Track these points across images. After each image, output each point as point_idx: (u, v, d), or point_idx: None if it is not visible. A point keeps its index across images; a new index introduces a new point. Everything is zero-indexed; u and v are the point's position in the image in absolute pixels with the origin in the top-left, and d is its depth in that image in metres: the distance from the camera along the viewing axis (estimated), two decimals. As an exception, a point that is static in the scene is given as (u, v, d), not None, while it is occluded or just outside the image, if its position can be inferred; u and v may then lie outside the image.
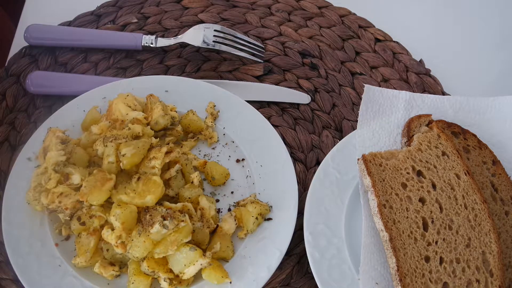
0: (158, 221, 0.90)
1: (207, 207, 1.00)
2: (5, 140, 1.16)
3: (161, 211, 0.92)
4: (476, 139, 1.07)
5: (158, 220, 0.90)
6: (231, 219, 1.01)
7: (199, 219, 0.98)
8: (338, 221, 1.00)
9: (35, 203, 0.99)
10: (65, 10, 1.36)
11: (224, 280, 0.93)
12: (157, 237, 0.90)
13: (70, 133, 1.08)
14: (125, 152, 0.97)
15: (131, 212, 0.93)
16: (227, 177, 1.07)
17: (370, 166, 0.99)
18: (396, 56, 1.31)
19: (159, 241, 0.91)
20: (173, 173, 1.01)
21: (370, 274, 0.92)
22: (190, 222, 0.95)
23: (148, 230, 0.90)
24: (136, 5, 1.40)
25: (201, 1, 1.41)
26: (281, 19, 1.39)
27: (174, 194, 1.02)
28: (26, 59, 1.28)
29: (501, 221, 0.98)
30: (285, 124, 1.20)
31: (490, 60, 1.35)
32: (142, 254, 0.90)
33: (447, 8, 1.45)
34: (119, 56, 1.30)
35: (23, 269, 0.94)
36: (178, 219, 0.92)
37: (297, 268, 1.02)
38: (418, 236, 0.93)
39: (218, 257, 0.98)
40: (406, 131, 1.07)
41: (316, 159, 1.16)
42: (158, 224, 0.90)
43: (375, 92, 1.11)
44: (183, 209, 0.97)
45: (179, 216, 0.93)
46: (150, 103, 1.10)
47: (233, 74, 1.28)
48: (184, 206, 0.97)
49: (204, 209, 0.99)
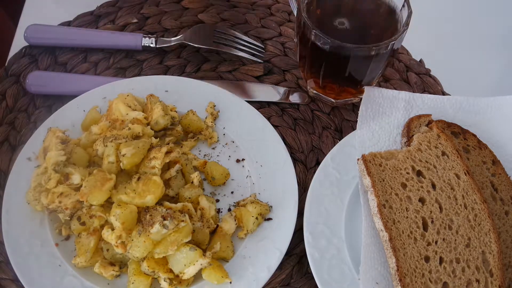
0: (158, 221, 0.90)
1: (207, 207, 1.00)
2: (5, 140, 1.16)
3: (161, 211, 0.92)
4: (476, 139, 1.07)
5: (158, 220, 0.90)
6: (231, 219, 1.01)
7: (199, 219, 0.98)
8: (338, 221, 1.00)
9: (35, 203, 0.99)
10: (65, 10, 1.36)
11: (224, 280, 0.93)
12: (157, 237, 0.90)
13: (70, 133, 1.09)
14: (125, 152, 0.97)
15: (131, 212, 0.93)
16: (227, 177, 1.07)
17: (370, 166, 0.99)
18: (396, 56, 1.31)
19: (159, 241, 0.91)
20: (173, 173, 1.01)
21: (370, 274, 0.92)
22: (190, 222, 0.95)
23: (148, 230, 0.90)
24: (136, 5, 1.40)
25: (201, 1, 1.42)
26: (281, 19, 1.39)
27: (174, 194, 1.02)
28: (26, 59, 1.28)
29: (501, 221, 0.98)
30: (285, 124, 1.20)
31: (490, 60, 1.35)
32: (142, 254, 0.90)
33: (447, 8, 1.45)
34: (119, 56, 1.30)
35: (23, 269, 0.94)
36: (178, 219, 0.92)
37: (297, 268, 1.02)
38: (418, 236, 0.93)
39: (218, 257, 0.98)
40: (406, 131, 1.07)
41: (316, 160, 1.16)
42: (158, 224, 0.89)
43: (375, 92, 1.11)
44: (183, 209, 0.97)
45: (179, 216, 0.93)
46: (150, 103, 1.10)
47: (233, 74, 1.28)
48: (184, 206, 0.97)
49: (204, 209, 0.99)
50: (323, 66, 1.07)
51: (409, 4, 1.01)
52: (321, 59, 1.05)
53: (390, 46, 0.98)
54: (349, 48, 0.97)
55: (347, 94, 1.17)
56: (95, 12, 1.38)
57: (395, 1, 1.04)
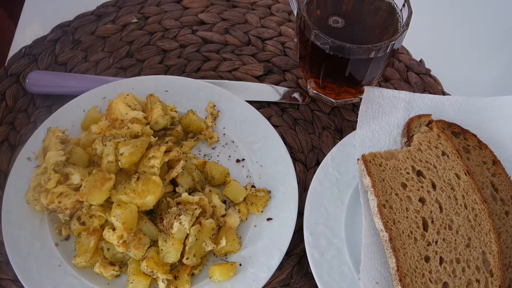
0: (174, 220, 0.93)
1: (219, 206, 1.02)
2: (5, 140, 1.16)
3: (172, 212, 0.95)
4: (476, 139, 1.07)
5: (174, 219, 0.93)
6: (234, 213, 1.02)
7: (211, 216, 1.00)
8: (338, 221, 1.00)
9: (35, 203, 0.99)
10: (65, 10, 1.36)
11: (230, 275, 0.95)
12: (180, 235, 0.93)
13: (70, 133, 1.09)
14: (123, 151, 0.97)
15: (132, 212, 0.93)
16: (227, 176, 1.07)
17: (370, 166, 0.99)
18: (396, 56, 1.31)
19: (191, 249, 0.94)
20: (179, 170, 1.01)
21: (370, 274, 0.92)
22: (203, 217, 0.98)
23: (170, 233, 0.93)
24: (136, 5, 1.40)
25: (201, 1, 1.42)
26: (281, 19, 1.39)
27: (185, 191, 1.01)
28: (26, 59, 1.28)
29: (501, 221, 0.98)
30: (285, 124, 1.20)
31: (490, 60, 1.35)
32: (176, 256, 0.93)
33: (447, 8, 1.45)
34: (119, 56, 1.30)
35: (23, 269, 0.94)
36: (191, 209, 0.95)
37: (297, 268, 1.02)
38: (418, 236, 0.93)
39: (226, 252, 0.98)
40: (406, 131, 1.07)
41: (316, 160, 1.15)
42: (176, 222, 0.92)
43: (375, 92, 1.11)
44: (200, 202, 0.99)
45: (191, 207, 0.96)
46: (150, 103, 1.10)
47: (233, 74, 1.28)
48: (201, 200, 0.99)
49: (216, 207, 1.01)
50: (323, 66, 1.07)
51: (409, 4, 1.01)
52: (321, 59, 1.05)
53: (390, 46, 0.98)
54: (349, 48, 0.97)
55: (347, 94, 1.16)
56: (95, 12, 1.38)
57: (395, 1, 1.04)
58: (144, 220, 0.97)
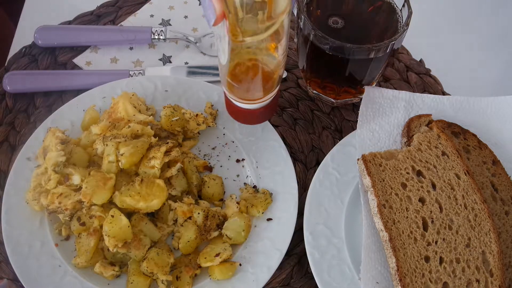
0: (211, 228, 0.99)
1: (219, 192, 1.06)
2: (5, 140, 1.16)
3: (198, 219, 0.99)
4: (476, 139, 1.07)
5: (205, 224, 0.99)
6: (232, 203, 1.02)
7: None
8: (338, 221, 1.00)
9: (35, 203, 0.99)
10: (65, 10, 1.36)
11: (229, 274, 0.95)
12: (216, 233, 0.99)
13: (70, 133, 1.09)
14: (123, 151, 0.97)
15: (121, 228, 0.93)
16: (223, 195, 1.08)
17: (370, 166, 0.99)
18: (396, 56, 1.31)
19: None
20: (174, 172, 1.01)
21: (371, 274, 0.92)
22: None
23: (210, 235, 0.98)
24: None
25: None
26: (281, 19, 1.39)
27: (178, 193, 1.01)
28: (26, 59, 1.28)
29: (501, 221, 0.98)
30: (285, 124, 1.20)
31: (490, 60, 1.35)
32: None
33: (447, 8, 1.45)
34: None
35: (23, 269, 0.94)
36: (215, 212, 1.01)
37: (297, 268, 1.02)
38: (418, 236, 0.93)
39: (231, 243, 0.99)
40: (406, 131, 1.07)
41: (316, 159, 1.15)
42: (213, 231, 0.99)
43: (375, 92, 1.11)
44: None
45: (214, 212, 1.00)
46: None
47: (233, 74, 1.28)
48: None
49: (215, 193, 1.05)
50: (323, 66, 1.07)
51: (409, 4, 1.01)
52: (321, 59, 1.05)
53: (390, 46, 0.98)
54: (349, 48, 0.97)
55: (347, 94, 1.16)
56: (95, 12, 1.38)
57: (395, 1, 1.04)
58: (144, 221, 0.97)
